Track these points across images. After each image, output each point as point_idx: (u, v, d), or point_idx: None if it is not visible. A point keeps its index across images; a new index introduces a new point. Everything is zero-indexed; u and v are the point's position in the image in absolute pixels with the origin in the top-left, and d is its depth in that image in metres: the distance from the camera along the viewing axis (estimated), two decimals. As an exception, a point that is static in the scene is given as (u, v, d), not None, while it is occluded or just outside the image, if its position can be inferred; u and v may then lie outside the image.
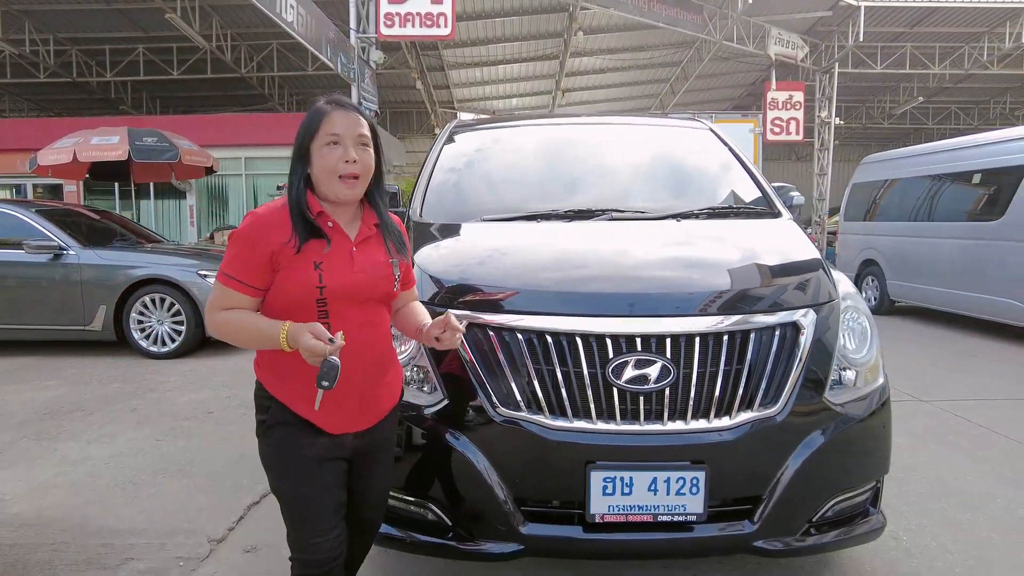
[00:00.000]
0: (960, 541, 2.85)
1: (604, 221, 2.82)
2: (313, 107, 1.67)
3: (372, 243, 1.71)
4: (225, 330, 1.62)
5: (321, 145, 1.60)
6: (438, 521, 2.21)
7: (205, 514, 3.13)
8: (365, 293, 1.66)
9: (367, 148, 1.65)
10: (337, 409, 1.65)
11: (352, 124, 1.62)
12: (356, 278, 1.64)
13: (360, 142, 1.63)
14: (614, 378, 2.05)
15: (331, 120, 1.61)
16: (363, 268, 1.66)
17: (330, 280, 1.60)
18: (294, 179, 1.65)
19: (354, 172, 1.61)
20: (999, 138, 7.92)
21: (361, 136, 1.63)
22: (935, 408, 4.85)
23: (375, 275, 1.67)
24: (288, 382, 1.64)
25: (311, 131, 1.62)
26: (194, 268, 6.75)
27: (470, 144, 3.63)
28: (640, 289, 2.25)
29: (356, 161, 1.61)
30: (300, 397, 1.63)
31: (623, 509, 2.05)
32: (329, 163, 1.59)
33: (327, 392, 1.53)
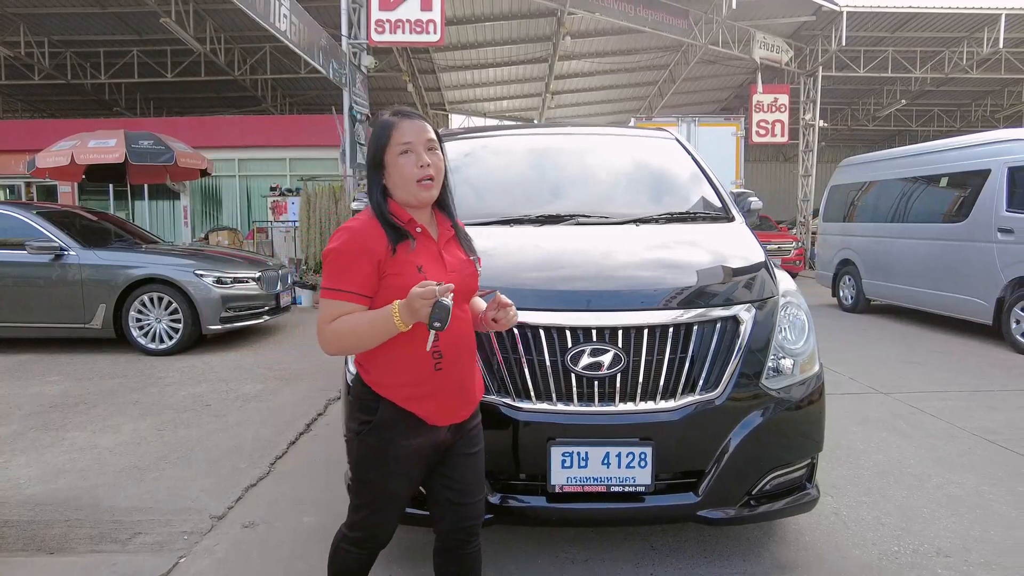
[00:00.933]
0: (893, 515, 3.15)
1: (571, 226, 3.10)
2: (381, 120, 1.77)
3: (452, 244, 1.83)
4: (340, 337, 1.66)
5: (395, 155, 1.71)
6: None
7: (206, 495, 3.40)
8: (459, 291, 1.71)
9: (436, 151, 1.75)
10: (439, 401, 1.75)
11: (420, 131, 1.73)
12: (451, 278, 1.71)
13: (429, 146, 1.72)
14: (572, 365, 2.33)
15: (401, 130, 1.71)
16: (454, 268, 1.77)
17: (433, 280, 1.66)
18: (373, 190, 1.74)
19: (430, 175, 1.71)
20: (965, 143, 8.24)
21: (430, 141, 1.73)
22: (893, 400, 5.16)
23: (464, 273, 1.78)
24: (396, 379, 1.72)
25: (383, 142, 1.72)
26: (191, 268, 7.00)
27: (451, 152, 3.89)
28: (597, 287, 2.54)
29: (430, 164, 1.71)
30: (411, 396, 1.73)
31: (580, 481, 2.33)
32: (406, 170, 1.69)
33: (434, 386, 1.72)
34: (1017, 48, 18.79)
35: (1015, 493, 3.39)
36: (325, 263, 1.71)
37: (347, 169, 10.58)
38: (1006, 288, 7.19)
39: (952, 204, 8.24)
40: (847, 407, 4.93)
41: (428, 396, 1.73)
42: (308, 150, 15.81)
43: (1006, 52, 18.83)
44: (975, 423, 4.54)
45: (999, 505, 3.26)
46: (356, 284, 1.66)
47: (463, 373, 1.80)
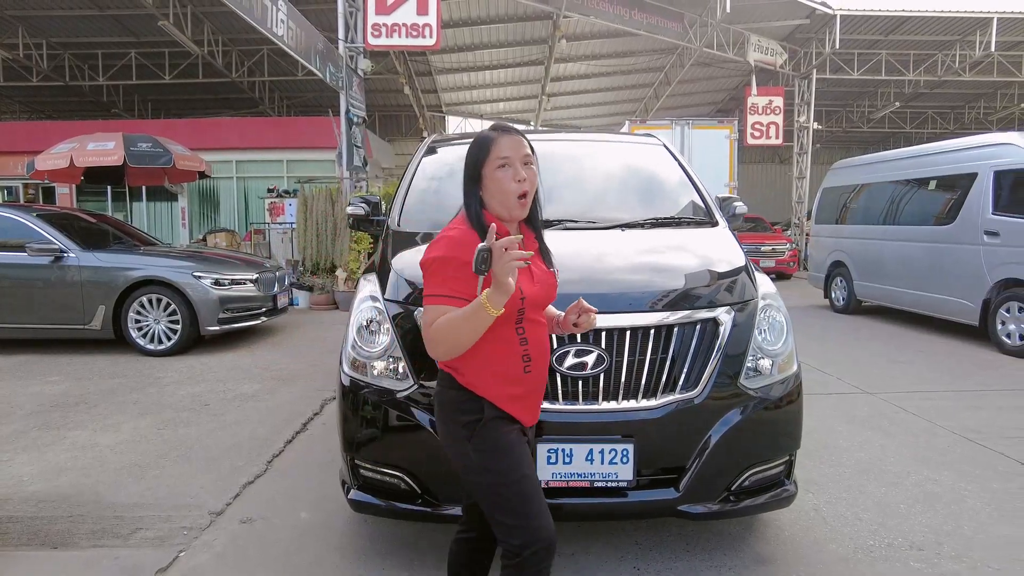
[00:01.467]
0: (871, 510, 3.26)
1: (559, 231, 3.20)
2: (481, 135, 1.85)
3: (537, 256, 1.90)
4: (440, 336, 1.68)
5: (494, 168, 1.77)
6: (409, 489, 2.59)
7: (205, 491, 3.50)
8: (542, 300, 1.85)
9: (531, 166, 1.80)
10: (529, 403, 1.85)
11: (518, 146, 1.78)
12: (539, 288, 1.83)
13: (525, 161, 1.78)
14: (558, 365, 2.43)
15: (500, 145, 1.77)
16: (539, 279, 1.85)
17: (528, 291, 1.77)
18: (471, 201, 1.81)
19: (525, 190, 1.78)
20: (953, 147, 8.37)
21: (526, 156, 1.78)
22: (878, 399, 5.26)
23: (547, 284, 1.88)
24: (492, 380, 1.78)
25: (482, 156, 1.79)
26: (189, 270, 7.09)
27: (443, 159, 4.00)
28: (582, 289, 2.60)
29: (526, 179, 1.77)
30: (509, 397, 1.80)
31: (565, 476, 2.44)
32: (504, 184, 1.76)
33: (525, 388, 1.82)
34: (1009, 51, 18.96)
35: (990, 490, 3.50)
36: (426, 271, 1.75)
37: (343, 171, 10.68)
38: (992, 290, 7.30)
39: (940, 207, 8.36)
40: (834, 407, 5.04)
41: (520, 398, 1.81)
42: (305, 152, 15.91)
43: (998, 55, 18.98)
44: (956, 422, 4.65)
45: (974, 501, 3.36)
46: (457, 289, 1.69)
47: (542, 376, 1.88)
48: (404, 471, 2.58)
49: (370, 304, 2.79)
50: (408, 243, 3.16)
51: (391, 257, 3.01)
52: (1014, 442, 4.22)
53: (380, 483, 2.65)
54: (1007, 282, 7.17)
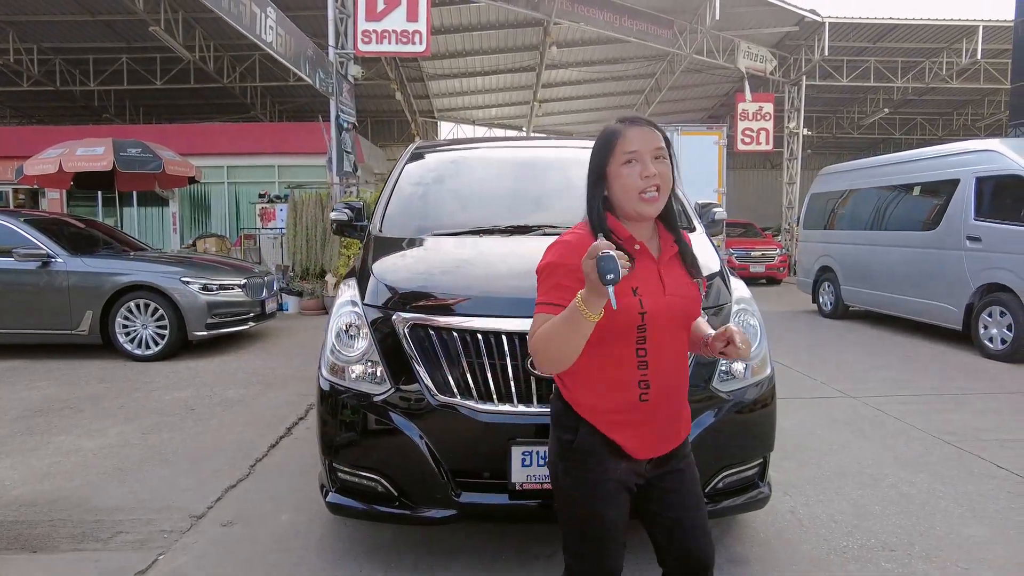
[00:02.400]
0: (846, 512, 3.30)
1: (538, 236, 3.25)
2: (606, 129, 1.66)
3: (675, 262, 1.66)
4: (540, 345, 1.52)
5: (619, 164, 1.58)
6: (387, 493, 2.62)
7: (187, 495, 3.51)
8: (678, 317, 1.61)
9: (663, 160, 1.59)
10: (641, 433, 1.62)
11: (648, 138, 1.58)
12: (671, 301, 1.59)
13: (656, 155, 1.57)
14: (532, 368, 2.47)
15: (626, 138, 1.58)
16: (673, 290, 1.61)
17: (650, 305, 1.55)
18: (593, 203, 1.63)
19: (655, 184, 1.57)
20: (936, 153, 8.47)
21: (657, 149, 1.58)
22: (860, 403, 5.32)
23: (685, 296, 1.62)
24: (604, 409, 1.62)
25: (607, 152, 1.61)
26: (177, 275, 7.10)
27: (427, 165, 4.05)
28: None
29: (656, 175, 1.56)
30: (614, 423, 1.61)
31: (538, 478, 2.46)
32: (629, 181, 1.56)
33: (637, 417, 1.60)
34: (995, 59, 19.15)
35: (963, 491, 3.55)
36: (539, 278, 1.62)
37: (334, 177, 10.71)
38: (975, 294, 7.39)
39: (924, 213, 8.45)
40: (815, 410, 5.09)
41: (630, 425, 1.61)
42: (297, 157, 15.92)
43: (984, 63, 19.18)
44: (935, 425, 4.70)
45: (947, 502, 3.41)
46: (564, 297, 1.50)
47: (671, 407, 1.64)
48: (381, 474, 2.61)
49: (349, 309, 2.83)
50: (389, 248, 3.20)
51: (372, 262, 3.04)
52: (989, 445, 4.28)
53: (358, 486, 2.68)
54: (989, 287, 7.25)
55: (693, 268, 1.68)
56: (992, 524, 3.16)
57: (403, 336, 2.59)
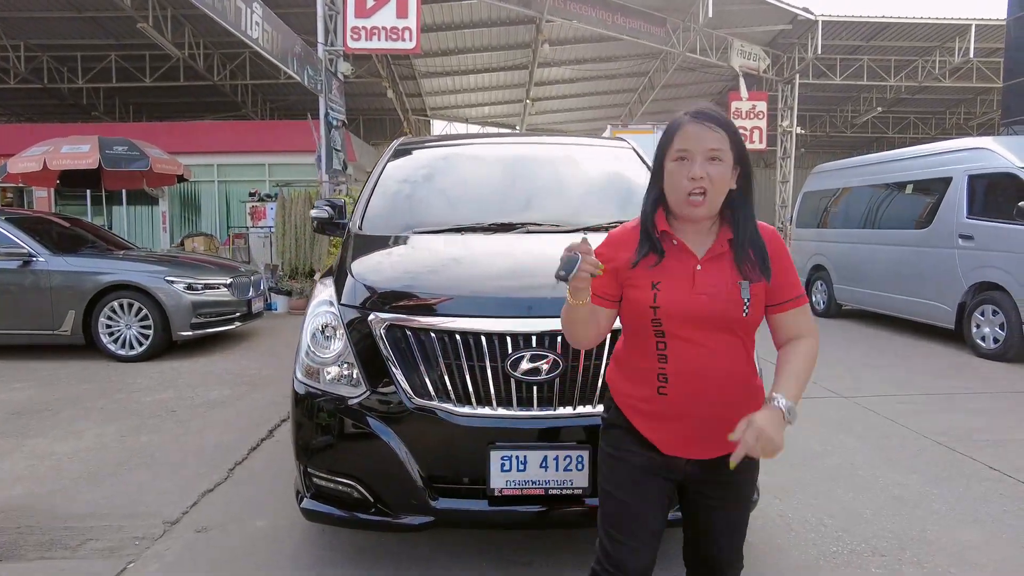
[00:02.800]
0: (837, 516, 3.23)
1: (521, 234, 3.17)
2: (671, 120, 1.60)
3: (724, 262, 1.57)
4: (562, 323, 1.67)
5: (671, 160, 1.54)
6: (363, 498, 2.53)
7: (162, 499, 3.42)
8: (705, 316, 1.54)
9: (718, 162, 1.51)
10: (664, 427, 1.61)
11: (702, 137, 1.51)
12: (697, 300, 1.54)
13: (710, 156, 1.50)
14: (512, 370, 2.39)
15: (682, 133, 1.53)
16: (705, 289, 1.54)
17: (665, 301, 1.54)
18: (648, 195, 1.64)
19: (700, 188, 1.50)
20: (929, 151, 8.42)
21: (711, 150, 1.50)
22: (852, 403, 5.26)
23: (718, 297, 1.53)
24: (627, 393, 1.67)
25: (665, 145, 1.56)
26: (161, 274, 7.00)
27: (410, 162, 3.96)
28: (538, 294, 2.59)
29: (703, 177, 1.49)
30: (635, 410, 1.64)
31: (519, 484, 2.38)
32: (675, 180, 1.52)
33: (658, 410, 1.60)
34: (987, 58, 19.15)
35: (956, 494, 3.49)
36: None
37: (323, 175, 10.60)
38: (967, 293, 7.34)
39: (917, 211, 8.40)
40: (807, 411, 5.01)
41: (652, 417, 1.62)
42: (287, 155, 15.77)
43: (977, 62, 19.19)
44: (927, 425, 4.64)
45: (939, 505, 3.35)
46: (597, 286, 1.57)
47: (702, 410, 1.58)
48: (356, 479, 2.53)
49: (325, 309, 2.75)
50: (368, 247, 3.12)
51: (349, 261, 2.95)
52: (982, 446, 4.22)
53: (333, 492, 2.60)
54: (981, 285, 7.21)
55: (746, 269, 1.57)
56: (985, 528, 3.10)
57: (379, 337, 2.51)
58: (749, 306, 1.54)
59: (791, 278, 1.61)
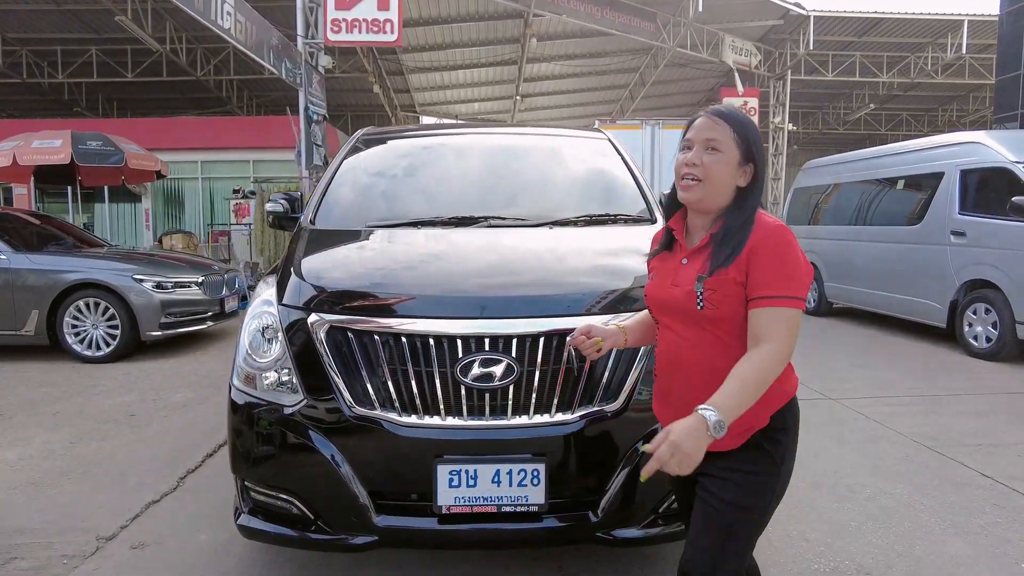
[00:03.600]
0: (820, 529, 3.03)
1: (483, 228, 2.96)
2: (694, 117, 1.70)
3: (702, 256, 1.59)
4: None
5: (680, 151, 1.64)
6: (302, 515, 2.32)
7: (102, 512, 3.20)
8: (673, 309, 1.62)
9: (715, 152, 1.56)
10: (663, 413, 1.72)
11: (703, 128, 1.59)
12: (670, 292, 1.62)
13: (707, 146, 1.57)
14: (462, 377, 2.18)
15: (692, 126, 1.63)
16: (679, 282, 1.60)
17: (649, 290, 1.71)
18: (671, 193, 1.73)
19: (691, 174, 1.57)
20: (920, 146, 8.24)
21: (708, 140, 1.57)
22: (839, 405, 5.07)
23: (680, 291, 1.59)
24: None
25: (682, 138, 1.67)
26: (129, 272, 6.75)
27: (372, 153, 3.75)
28: (492, 293, 2.39)
29: (696, 164, 1.56)
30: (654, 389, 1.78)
31: (468, 501, 2.18)
32: (676, 166, 1.63)
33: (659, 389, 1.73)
34: (980, 54, 19.03)
35: (945, 503, 3.29)
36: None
37: (303, 171, 10.36)
38: (959, 291, 7.16)
39: (908, 207, 8.23)
40: (791, 413, 4.82)
41: (658, 395, 1.75)
42: (271, 152, 15.54)
43: (969, 58, 19.07)
44: (917, 429, 4.46)
45: (928, 517, 3.15)
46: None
47: (674, 396, 1.65)
48: (295, 495, 2.32)
49: (264, 310, 2.54)
50: (316, 242, 2.91)
51: (294, 258, 2.74)
52: (972, 450, 4.03)
53: (272, 507, 2.39)
54: (974, 283, 7.03)
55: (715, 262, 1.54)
56: (976, 541, 2.91)
57: (319, 340, 2.29)
58: (704, 299, 1.53)
59: (769, 277, 1.49)
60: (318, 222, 3.18)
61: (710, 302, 1.52)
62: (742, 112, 1.64)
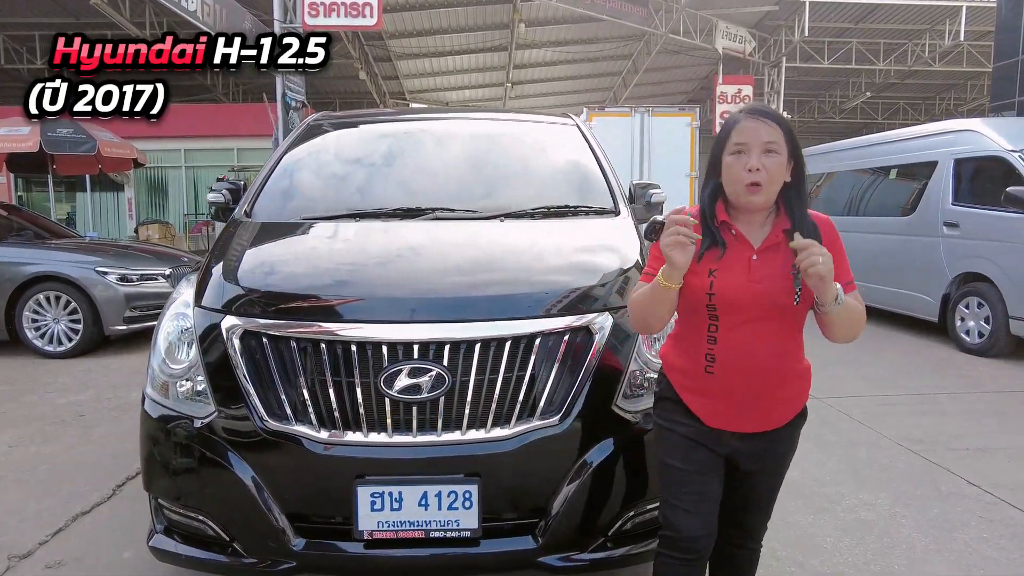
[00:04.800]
0: (791, 546, 2.82)
1: (428, 220, 2.72)
2: (727, 117, 1.72)
3: (779, 251, 1.66)
4: (631, 309, 1.78)
5: (728, 154, 1.64)
6: (217, 537, 2.12)
7: (24, 525, 2.99)
8: (758, 304, 1.64)
9: (774, 154, 1.61)
10: (710, 403, 1.73)
11: (758, 131, 1.61)
12: (752, 288, 1.63)
13: (766, 148, 1.60)
14: (386, 388, 1.96)
15: (739, 129, 1.63)
16: (760, 278, 1.64)
17: (721, 288, 1.64)
18: (705, 187, 1.74)
19: (756, 180, 1.60)
20: (914, 134, 8.00)
21: (767, 143, 1.60)
22: (824, 405, 4.85)
23: (772, 286, 1.63)
24: (676, 370, 1.79)
25: (722, 140, 1.67)
26: (91, 265, 6.50)
27: (321, 140, 3.50)
28: (425, 294, 2.16)
29: (760, 169, 1.59)
30: (682, 386, 1.76)
31: (393, 525, 1.97)
32: (733, 172, 1.62)
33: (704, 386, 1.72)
34: (978, 41, 18.73)
35: (928, 515, 3.08)
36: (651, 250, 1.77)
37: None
38: (951, 284, 6.94)
39: (900, 197, 8.00)
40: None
41: (698, 392, 1.74)
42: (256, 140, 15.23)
43: (967, 45, 18.79)
44: (902, 431, 4.25)
45: (910, 531, 2.94)
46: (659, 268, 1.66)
47: (750, 387, 1.69)
48: (208, 515, 2.11)
49: (180, 311, 2.31)
50: (245, 237, 2.67)
51: (218, 255, 2.50)
52: (959, 455, 3.82)
53: (188, 528, 2.18)
54: (966, 276, 6.80)
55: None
56: (959, 560, 2.70)
57: (233, 347, 2.07)
58: (800, 294, 1.62)
59: (843, 265, 1.66)
60: (256, 214, 2.94)
61: (804, 296, 1.62)
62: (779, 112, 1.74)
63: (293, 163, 3.27)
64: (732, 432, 1.74)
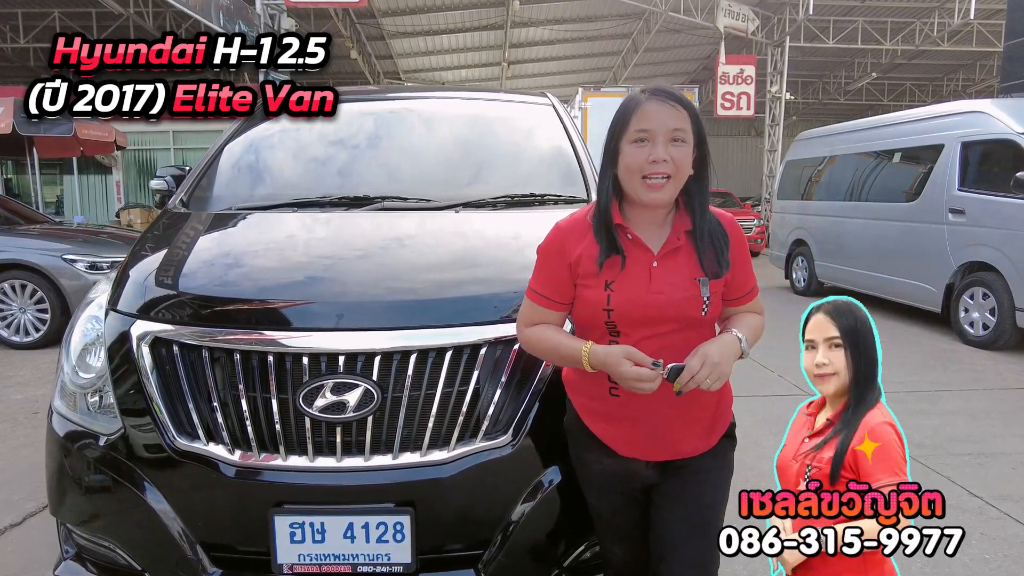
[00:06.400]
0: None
1: (374, 211, 2.46)
2: (626, 98, 1.48)
3: (681, 256, 1.48)
4: (531, 346, 1.58)
5: (629, 142, 1.42)
6: (128, 565, 1.90)
7: (-54, 540, 2.77)
8: (661, 317, 1.45)
9: (681, 144, 1.42)
10: (619, 429, 1.55)
11: (665, 117, 1.40)
12: (653, 299, 1.44)
13: (674, 137, 1.41)
14: (305, 406, 1.71)
15: (641, 113, 1.41)
16: (661, 288, 1.45)
17: (619, 302, 1.45)
18: (603, 184, 1.49)
19: (663, 172, 1.39)
20: (919, 116, 7.72)
21: (674, 131, 1.40)
22: (818, 402, 4.61)
23: (675, 296, 1.45)
24: (580, 392, 1.60)
25: (620, 126, 1.45)
26: (59, 252, 6.27)
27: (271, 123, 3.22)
28: (356, 298, 1.91)
29: (666, 160, 1.39)
30: (587, 410, 1.59)
31: (316, 559, 1.75)
32: (634, 161, 1.41)
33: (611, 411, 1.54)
34: (988, 19, 18.25)
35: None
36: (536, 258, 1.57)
37: (265, 141, 9.81)
38: (956, 274, 6.68)
39: (904, 182, 7.74)
40: (764, 413, 4.37)
41: (604, 418, 1.56)
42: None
43: (977, 24, 18.32)
44: (901, 433, 4.00)
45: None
46: (550, 289, 1.52)
47: (657, 417, 1.52)
48: (116, 540, 1.90)
49: (91, 313, 2.09)
50: (171, 231, 2.42)
51: (138, 252, 2.26)
52: (962, 461, 3.59)
53: (98, 554, 1.97)
54: (972, 265, 6.54)
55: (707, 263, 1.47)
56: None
57: (142, 356, 1.83)
58: (709, 304, 1.47)
59: (748, 269, 1.56)
60: (192, 204, 2.69)
61: (712, 306, 1.48)
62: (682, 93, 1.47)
63: (239, 148, 3.03)
64: (646, 462, 1.57)
